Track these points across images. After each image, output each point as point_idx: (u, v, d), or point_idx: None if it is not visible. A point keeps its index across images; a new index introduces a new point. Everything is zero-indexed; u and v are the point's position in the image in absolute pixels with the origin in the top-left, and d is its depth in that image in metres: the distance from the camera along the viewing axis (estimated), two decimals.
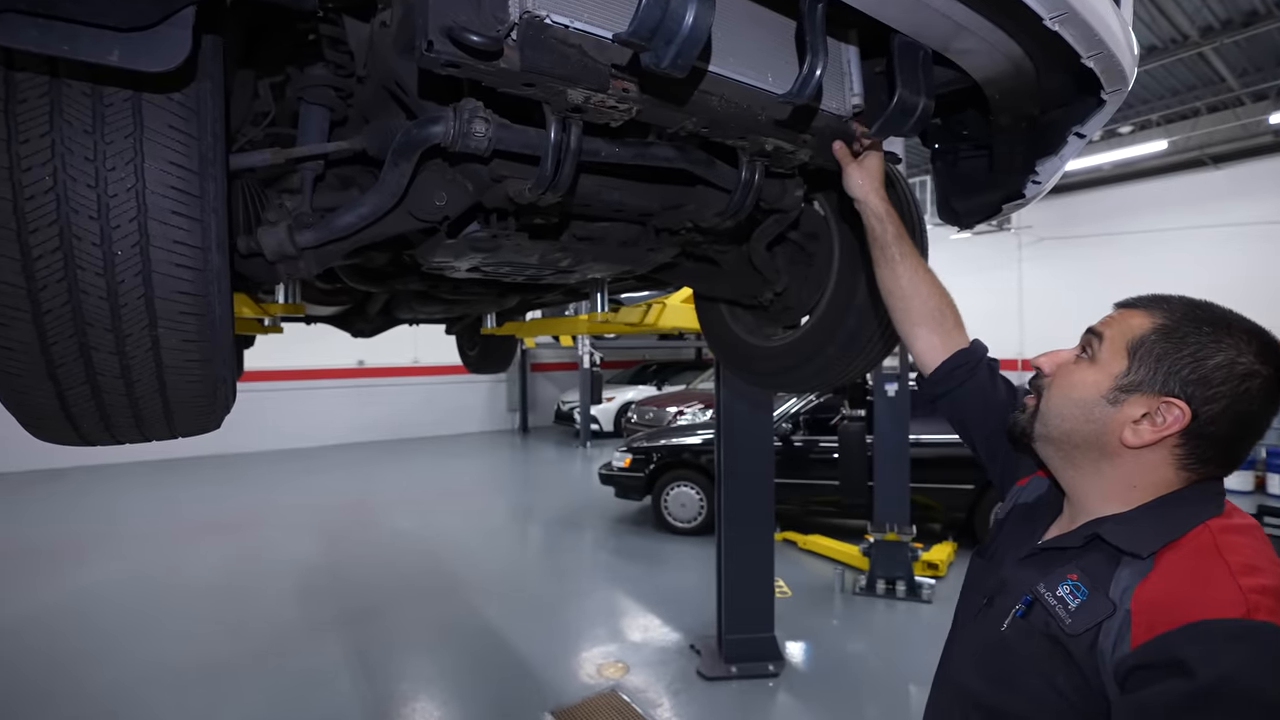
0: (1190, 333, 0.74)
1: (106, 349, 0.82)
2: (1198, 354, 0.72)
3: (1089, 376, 0.79)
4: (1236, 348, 0.72)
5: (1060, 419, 0.81)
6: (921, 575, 4.69)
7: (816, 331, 1.80)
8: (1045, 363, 0.87)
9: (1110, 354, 0.79)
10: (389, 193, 1.12)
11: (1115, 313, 0.83)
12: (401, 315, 3.29)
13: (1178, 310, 0.77)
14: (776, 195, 1.40)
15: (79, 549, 5.72)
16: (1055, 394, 0.83)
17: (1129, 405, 0.75)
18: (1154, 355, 0.75)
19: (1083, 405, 0.78)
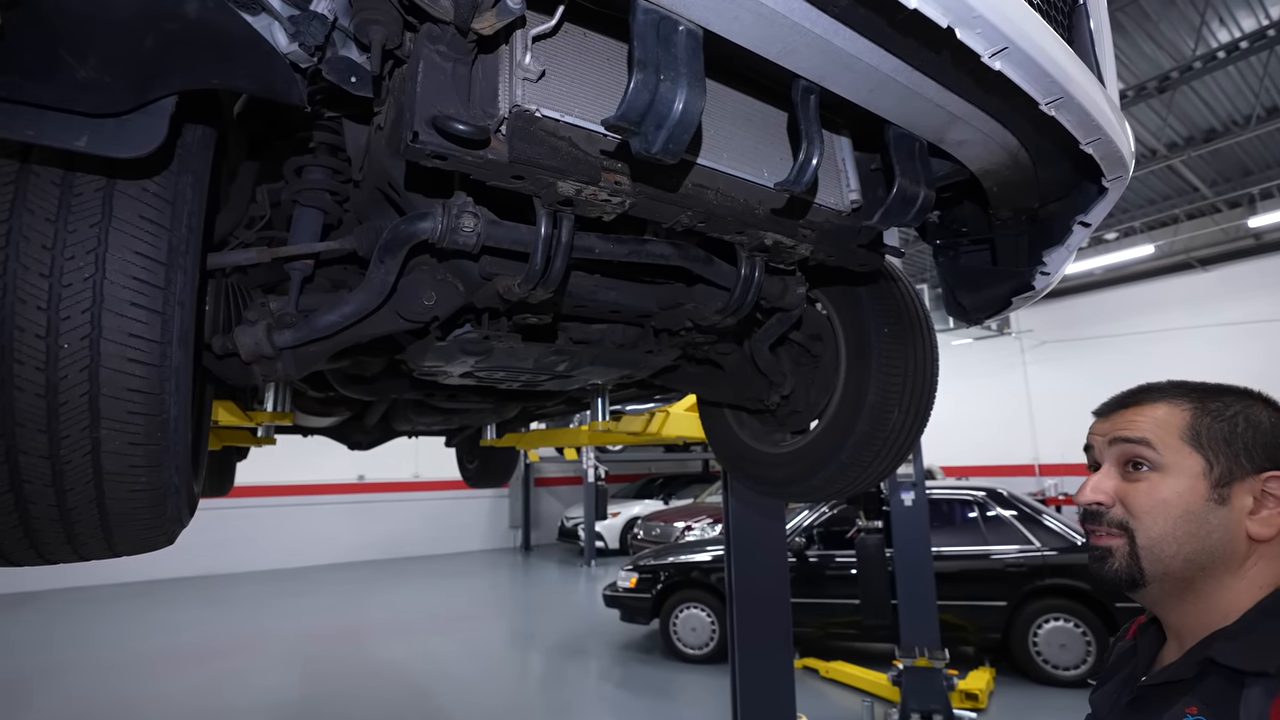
0: (1220, 407, 0.70)
1: (37, 453, 0.74)
2: (1249, 420, 0.69)
3: (1177, 485, 0.68)
4: (1259, 405, 0.70)
5: (1176, 543, 0.68)
6: (960, 708, 4.23)
7: (827, 436, 1.71)
8: (1101, 495, 0.73)
9: (1175, 455, 0.69)
10: (375, 291, 1.08)
11: (1128, 414, 0.74)
12: (399, 427, 3.21)
13: (1185, 391, 0.73)
14: (778, 293, 1.36)
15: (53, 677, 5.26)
16: (1151, 520, 0.69)
17: (1236, 497, 0.67)
18: (1221, 439, 0.68)
19: (1192, 519, 0.67)
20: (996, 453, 12.32)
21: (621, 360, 1.53)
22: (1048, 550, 5.01)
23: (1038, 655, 4.84)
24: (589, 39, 0.91)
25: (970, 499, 5.46)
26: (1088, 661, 4.74)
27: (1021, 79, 0.83)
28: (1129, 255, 9.53)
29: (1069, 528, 5.18)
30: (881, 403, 1.57)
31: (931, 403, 1.63)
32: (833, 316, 1.70)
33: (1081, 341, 11.69)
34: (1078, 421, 4.35)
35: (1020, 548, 5.08)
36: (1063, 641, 4.80)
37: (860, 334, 1.62)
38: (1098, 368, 11.39)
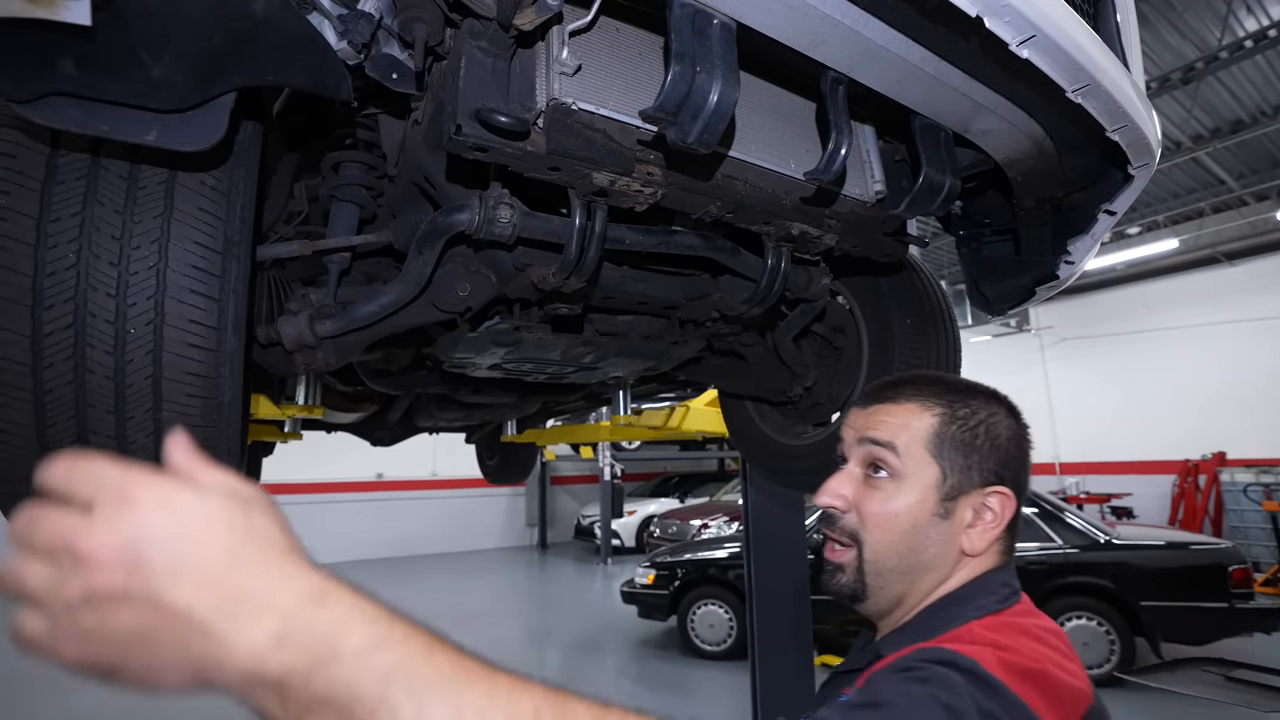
0: (969, 414, 0.69)
1: (106, 433, 0.78)
2: (989, 432, 0.69)
3: (909, 498, 0.67)
4: (1003, 412, 0.71)
5: (897, 557, 0.67)
6: None
7: None
8: (838, 500, 0.70)
9: (915, 464, 0.68)
10: (412, 282, 1.11)
11: (882, 411, 0.71)
12: (422, 422, 3.26)
13: (941, 391, 0.71)
14: (803, 284, 1.38)
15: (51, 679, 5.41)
16: (879, 533, 0.68)
17: (959, 510, 0.67)
18: (960, 449, 0.68)
19: (915, 533, 0.67)
20: None
21: (647, 351, 1.55)
22: (1070, 548, 4.96)
23: None
24: (621, 33, 0.94)
25: None
26: (1111, 660, 4.69)
27: (1049, 66, 0.84)
28: (1152, 250, 9.38)
29: (1092, 525, 5.13)
30: None
31: None
32: (854, 308, 1.71)
33: (1102, 338, 11.52)
34: (1098, 420, 4.42)
35: (1041, 545, 5.03)
36: (1086, 640, 4.75)
37: (882, 325, 1.63)
38: (1119, 365, 11.22)
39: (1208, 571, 4.65)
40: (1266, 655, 4.75)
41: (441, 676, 0.33)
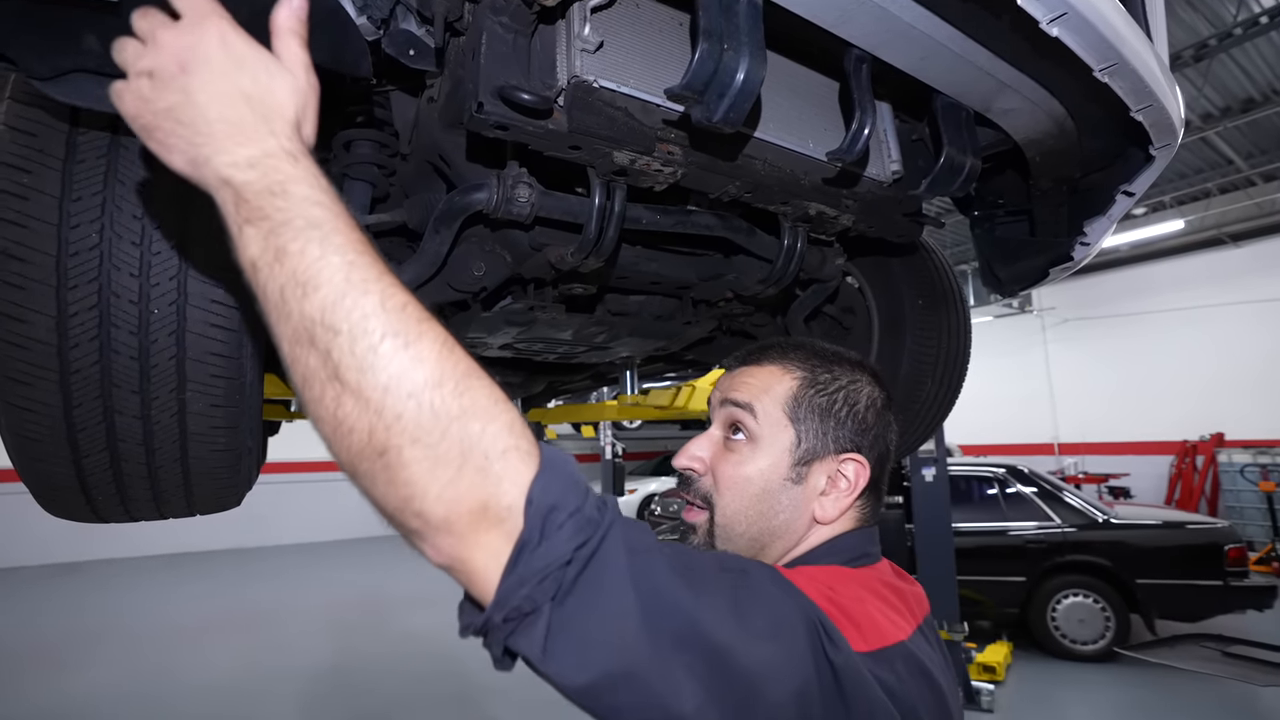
0: (829, 380, 0.69)
1: (131, 413, 0.78)
2: (848, 399, 0.68)
3: (761, 462, 0.66)
4: (867, 381, 0.70)
5: (746, 522, 0.66)
6: (978, 680, 4.28)
7: None
8: (695, 463, 0.70)
9: (771, 427, 0.67)
10: (428, 261, 1.11)
11: (745, 373, 0.71)
12: None
13: (802, 355, 0.71)
14: (816, 264, 1.37)
15: (91, 645, 5.49)
16: (730, 496, 0.67)
17: (812, 476, 0.67)
18: (816, 414, 0.67)
19: (766, 498, 0.66)
20: (1016, 431, 12.24)
21: (659, 331, 1.55)
22: (1068, 527, 5.01)
23: (1056, 630, 4.87)
24: (642, 9, 0.92)
25: (990, 476, 5.46)
26: (1106, 636, 4.77)
27: (1078, 45, 0.83)
28: (1158, 231, 9.31)
29: (1090, 505, 5.17)
30: (915, 374, 1.59)
31: (964, 374, 1.64)
32: (865, 289, 1.71)
33: (1104, 320, 11.51)
34: (1098, 400, 4.46)
35: (1040, 524, 5.08)
36: (1081, 617, 4.83)
37: (893, 306, 1.63)
38: (1120, 346, 11.22)
39: (1204, 550, 4.71)
40: (1260, 631, 4.83)
41: (351, 245, 0.43)
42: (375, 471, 0.41)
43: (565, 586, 0.42)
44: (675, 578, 0.46)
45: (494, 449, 0.42)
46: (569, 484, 0.44)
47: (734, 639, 0.45)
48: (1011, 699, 4.24)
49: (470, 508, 0.42)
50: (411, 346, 0.42)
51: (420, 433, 0.41)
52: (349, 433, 0.41)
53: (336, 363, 0.41)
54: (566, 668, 0.41)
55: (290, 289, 0.42)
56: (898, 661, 0.54)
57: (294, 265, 0.42)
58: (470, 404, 0.42)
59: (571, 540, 0.42)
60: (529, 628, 0.41)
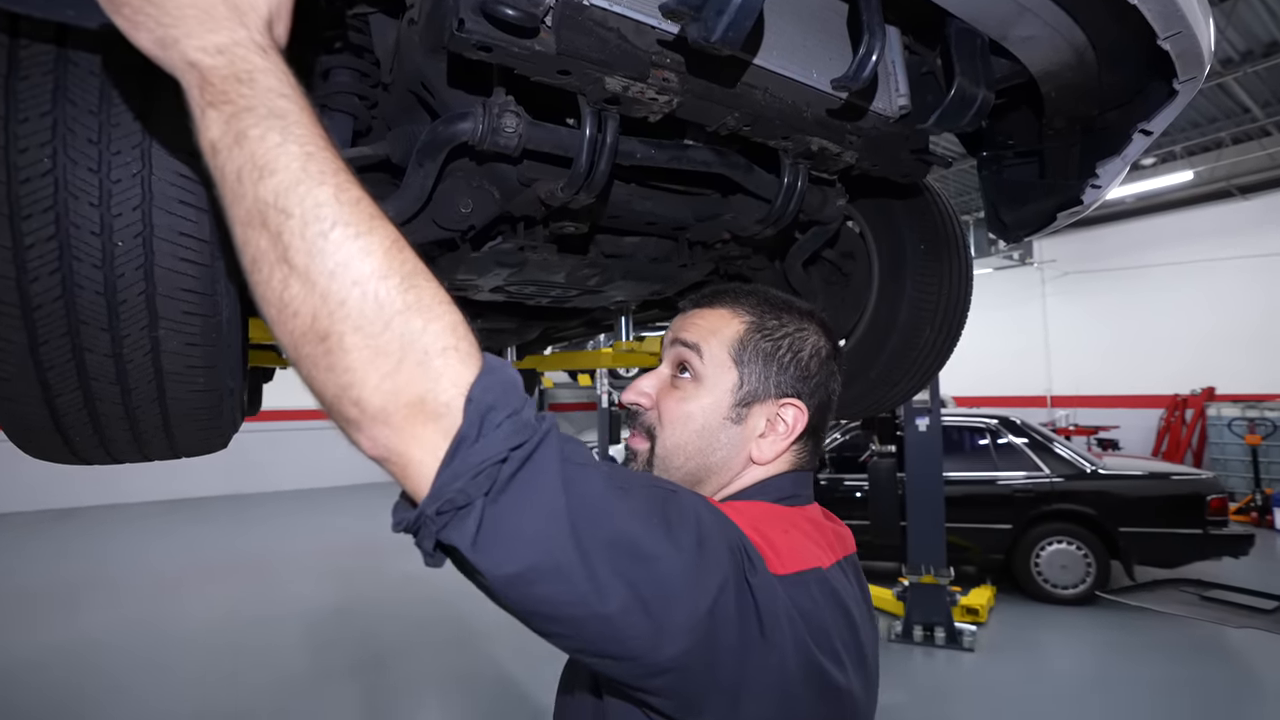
0: (777, 326, 0.71)
1: (101, 351, 0.75)
2: (793, 345, 0.70)
3: (704, 400, 0.69)
4: (814, 331, 0.72)
5: (684, 455, 0.69)
6: (961, 621, 4.43)
7: (856, 354, 1.71)
8: (642, 398, 0.73)
9: (716, 367, 0.70)
10: (412, 197, 1.06)
11: (697, 315, 0.74)
12: None
13: (754, 301, 0.73)
14: (817, 205, 1.32)
15: (85, 591, 5.61)
16: (671, 429, 0.70)
17: (751, 418, 0.69)
18: (760, 358, 0.70)
19: (705, 434, 0.69)
20: (1010, 384, 12.32)
21: (654, 274, 1.52)
22: (1056, 477, 5.10)
23: (1039, 575, 5.01)
24: None
25: (983, 426, 5.52)
26: (1087, 581, 4.92)
27: None
28: (1166, 182, 9.13)
29: (1078, 456, 5.25)
30: (914, 321, 1.56)
31: (964, 321, 1.62)
32: (866, 233, 1.66)
33: (1104, 273, 11.42)
34: (1093, 354, 4.46)
35: (1029, 474, 5.17)
36: (1064, 563, 4.96)
37: (894, 251, 1.59)
38: (1118, 300, 11.18)
39: (1186, 500, 4.81)
40: (1235, 577, 4.98)
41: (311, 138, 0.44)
42: (316, 356, 0.42)
43: (500, 483, 0.43)
44: (607, 486, 0.48)
45: (435, 346, 0.43)
46: (509, 387, 0.45)
47: (660, 548, 0.47)
48: (993, 639, 4.40)
49: (408, 400, 0.42)
50: (362, 238, 0.42)
51: (363, 321, 0.41)
52: (293, 315, 0.42)
53: (286, 245, 0.42)
54: (495, 559, 0.43)
55: (247, 171, 0.42)
56: (813, 586, 0.57)
57: (253, 149, 0.42)
58: (415, 300, 0.43)
59: (509, 440, 0.43)
60: (461, 521, 0.42)
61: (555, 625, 0.46)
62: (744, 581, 0.51)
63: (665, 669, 0.48)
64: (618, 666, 0.48)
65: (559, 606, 0.45)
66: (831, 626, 0.57)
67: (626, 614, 0.45)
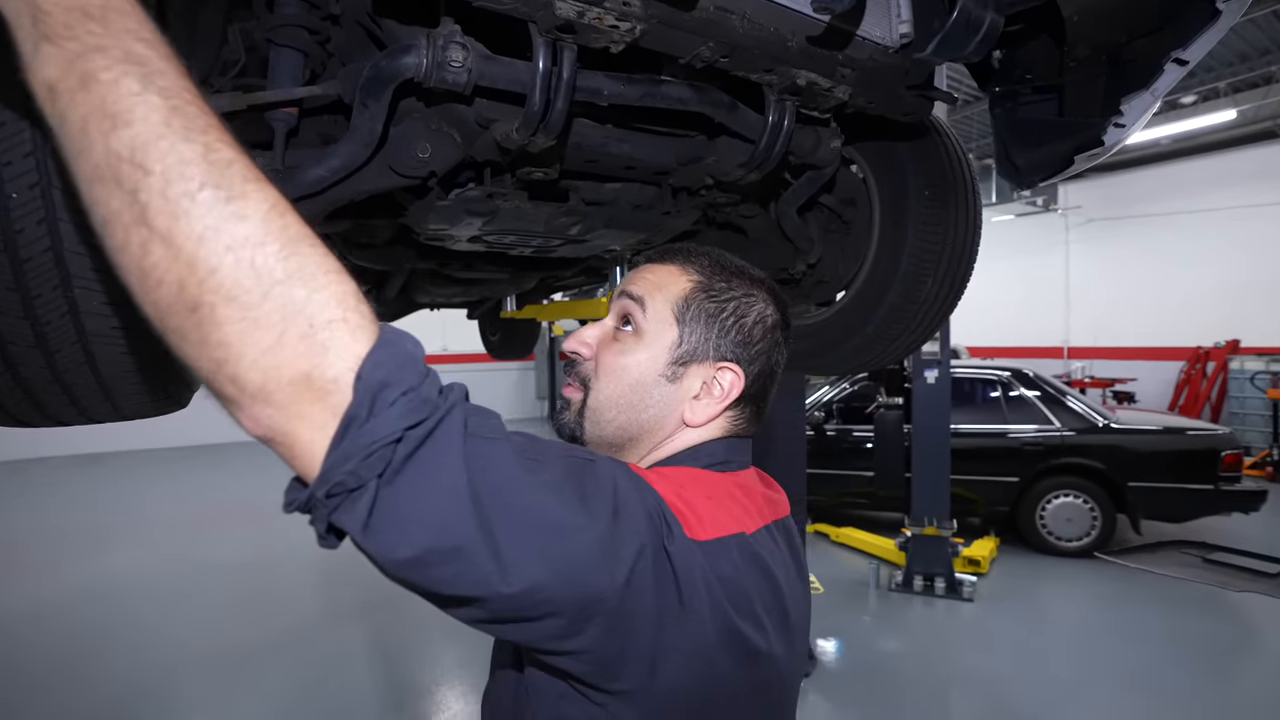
0: (724, 288, 0.70)
1: (13, 313, 0.71)
2: (738, 310, 0.69)
3: (640, 355, 0.68)
4: (762, 299, 0.71)
5: (616, 409, 0.68)
6: (962, 572, 4.46)
7: (853, 308, 1.63)
8: (583, 347, 0.72)
9: (658, 323, 0.69)
10: (361, 141, 0.98)
11: (647, 269, 0.73)
12: (419, 299, 3.20)
13: (706, 263, 0.72)
14: (809, 147, 1.22)
15: (109, 533, 5.80)
16: (605, 382, 0.69)
17: (687, 379, 0.68)
18: (702, 318, 0.69)
19: (639, 389, 0.68)
20: (1025, 334, 12.07)
21: (637, 222, 1.43)
22: (1066, 430, 5.02)
23: (1043, 528, 5.00)
24: None
25: (994, 379, 5.41)
26: (1090, 534, 4.90)
27: None
28: (1206, 122, 8.61)
29: (1091, 409, 5.15)
30: (915, 272, 1.47)
31: (969, 272, 1.52)
32: (868, 179, 1.55)
33: (1132, 220, 10.97)
34: (1114, 304, 4.27)
35: (1040, 427, 5.09)
36: (1069, 516, 4.94)
37: (897, 197, 1.48)
38: (1145, 248, 10.76)
39: (1200, 456, 4.73)
40: (1244, 535, 4.94)
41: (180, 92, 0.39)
42: (187, 330, 0.38)
43: (395, 465, 0.40)
44: (515, 460, 0.46)
45: (320, 317, 0.39)
46: (405, 362, 0.42)
47: (575, 519, 0.47)
48: (993, 589, 4.43)
49: (291, 377, 0.39)
50: (235, 201, 0.38)
51: (238, 291, 0.37)
52: (157, 284, 0.38)
53: (144, 204, 0.37)
54: (387, 543, 0.41)
55: (95, 120, 0.37)
56: (734, 551, 0.57)
57: (103, 95, 0.37)
58: (297, 268, 0.39)
59: (403, 419, 0.40)
60: (353, 504, 0.40)
61: (460, 606, 0.45)
62: (662, 549, 0.51)
63: (574, 633, 0.47)
64: (530, 633, 0.47)
65: (461, 588, 0.43)
66: (753, 591, 0.57)
67: (532, 588, 0.44)
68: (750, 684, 0.57)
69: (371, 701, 3.16)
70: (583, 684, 0.52)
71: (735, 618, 0.54)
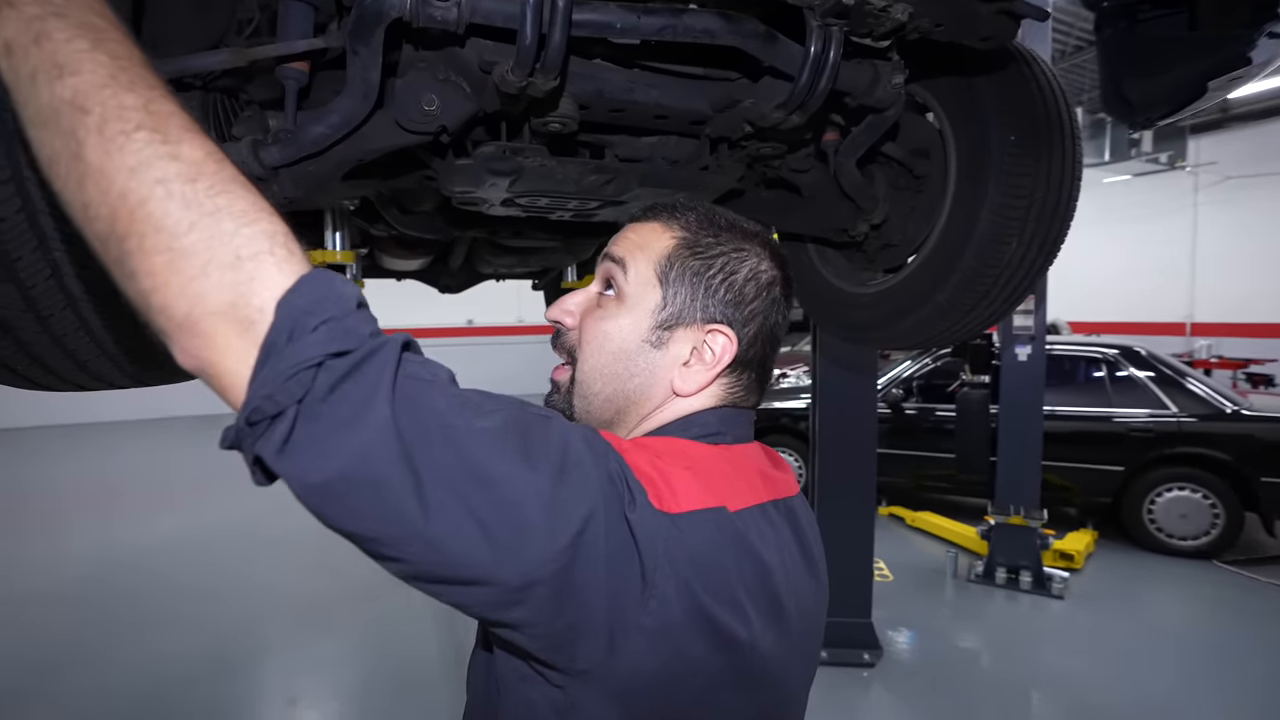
0: (712, 243, 0.64)
1: None
2: (726, 267, 0.64)
3: (623, 321, 0.64)
4: (755, 254, 0.65)
5: (601, 380, 0.64)
6: (1051, 566, 4.10)
7: (923, 274, 1.44)
8: (566, 316, 0.68)
9: (640, 284, 0.64)
10: (358, 94, 0.91)
11: (631, 229, 0.67)
12: (482, 269, 3.23)
13: (691, 218, 0.66)
14: (865, 84, 1.05)
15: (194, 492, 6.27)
16: (589, 351, 0.65)
17: (674, 344, 0.63)
18: (687, 277, 0.63)
19: (623, 357, 0.64)
20: (1139, 309, 10.90)
21: (675, 179, 1.31)
22: (1185, 416, 4.48)
23: (1151, 523, 4.52)
24: None
25: (1099, 357, 4.89)
26: (1210, 534, 4.38)
27: None
28: None
29: (1216, 393, 4.57)
30: (994, 233, 1.27)
31: (1063, 233, 1.30)
32: (943, 124, 1.35)
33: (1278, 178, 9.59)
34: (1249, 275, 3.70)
35: (1152, 412, 4.57)
36: (1184, 511, 4.43)
37: (976, 143, 1.28)
38: None
39: None
40: None
41: (129, 57, 0.42)
42: (120, 259, 0.40)
43: (316, 393, 0.40)
44: (450, 402, 0.44)
45: (246, 250, 0.40)
46: (330, 293, 0.41)
47: (509, 471, 0.44)
48: (1087, 587, 4.06)
49: (214, 307, 0.39)
50: (170, 145, 0.40)
51: (165, 221, 0.39)
52: (94, 218, 0.40)
53: (81, 140, 0.39)
54: (301, 466, 0.40)
55: (44, 71, 0.39)
56: (709, 526, 0.52)
57: (54, 49, 0.40)
58: (226, 204, 0.40)
59: (325, 345, 0.40)
60: (272, 430, 0.40)
61: (380, 547, 0.43)
62: (621, 516, 0.48)
63: (515, 600, 0.45)
64: (464, 593, 0.45)
65: (379, 524, 0.42)
66: (732, 571, 0.52)
67: (460, 538, 0.42)
68: (732, 676, 0.52)
69: (433, 647, 3.29)
70: (540, 663, 0.50)
71: (706, 599, 0.50)
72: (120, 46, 0.42)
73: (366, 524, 0.42)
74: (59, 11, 0.40)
